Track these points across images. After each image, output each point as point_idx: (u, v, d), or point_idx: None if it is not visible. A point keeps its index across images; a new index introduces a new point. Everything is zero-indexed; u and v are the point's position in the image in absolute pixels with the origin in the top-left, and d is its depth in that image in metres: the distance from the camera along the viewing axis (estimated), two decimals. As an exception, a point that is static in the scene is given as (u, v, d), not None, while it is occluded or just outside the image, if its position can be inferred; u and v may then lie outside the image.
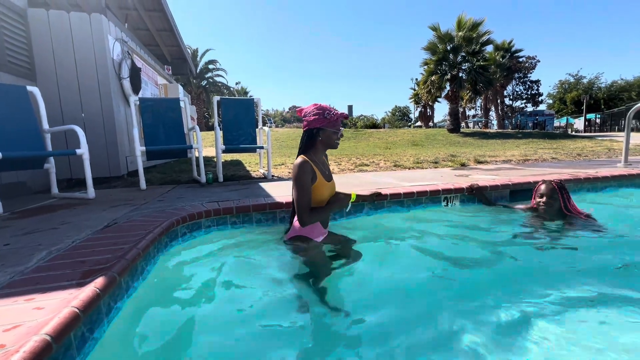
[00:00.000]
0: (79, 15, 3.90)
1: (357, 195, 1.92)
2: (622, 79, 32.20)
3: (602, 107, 29.82)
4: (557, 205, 2.23)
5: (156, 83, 6.58)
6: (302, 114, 1.80)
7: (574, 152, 6.78)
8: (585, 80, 33.74)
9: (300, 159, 1.72)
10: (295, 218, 1.79)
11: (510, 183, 2.94)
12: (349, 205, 1.87)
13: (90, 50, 3.96)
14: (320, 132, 1.75)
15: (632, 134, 13.33)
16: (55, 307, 0.94)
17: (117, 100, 4.25)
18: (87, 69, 3.98)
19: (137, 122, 3.77)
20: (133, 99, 3.75)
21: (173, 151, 3.87)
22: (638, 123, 17.47)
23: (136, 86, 4.69)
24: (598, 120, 26.36)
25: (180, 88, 7.90)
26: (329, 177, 1.85)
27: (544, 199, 2.26)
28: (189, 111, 4.20)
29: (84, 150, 2.84)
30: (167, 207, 2.34)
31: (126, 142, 4.44)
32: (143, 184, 3.42)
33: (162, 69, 7.33)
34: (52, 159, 3.03)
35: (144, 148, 3.48)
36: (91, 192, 2.87)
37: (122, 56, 4.47)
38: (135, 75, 4.64)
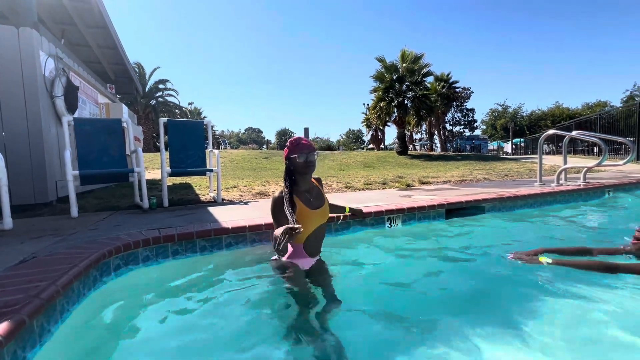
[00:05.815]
0: (5, 28, 3.59)
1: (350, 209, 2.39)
2: (539, 109, 37.79)
3: (526, 132, 34.29)
4: None
5: (96, 102, 6.15)
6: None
7: (502, 173, 7.60)
8: (510, 109, 38.80)
9: (277, 192, 1.81)
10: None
11: (445, 203, 3.22)
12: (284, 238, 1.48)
13: (17, 66, 3.63)
14: (289, 161, 1.81)
15: (550, 157, 15.37)
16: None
17: (47, 119, 3.90)
18: (12, 86, 3.62)
19: (70, 144, 3.48)
20: (66, 119, 3.47)
21: (111, 175, 3.62)
22: (553, 147, 20.23)
23: (72, 105, 4.36)
24: (523, 144, 30.13)
25: (125, 108, 7.47)
26: (314, 205, 1.84)
27: None
28: (132, 132, 3.99)
29: (1, 175, 2.53)
30: (99, 237, 2.16)
31: (57, 165, 4.05)
32: (74, 211, 3.12)
33: (104, 87, 6.90)
34: (-41, 185, 2.65)
35: (77, 172, 3.20)
36: (8, 222, 2.55)
37: (55, 73, 4.15)
38: (71, 94, 4.32)
